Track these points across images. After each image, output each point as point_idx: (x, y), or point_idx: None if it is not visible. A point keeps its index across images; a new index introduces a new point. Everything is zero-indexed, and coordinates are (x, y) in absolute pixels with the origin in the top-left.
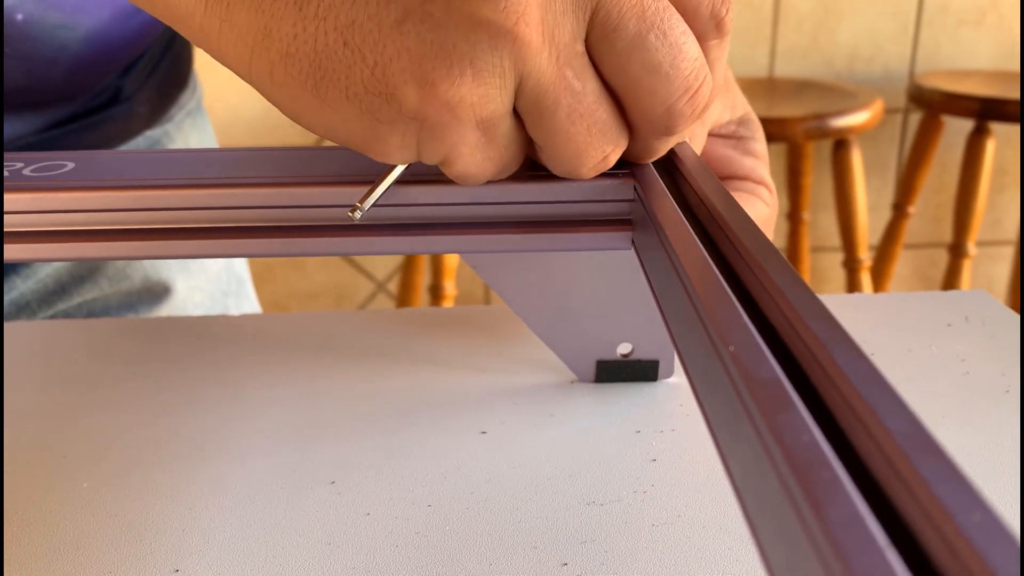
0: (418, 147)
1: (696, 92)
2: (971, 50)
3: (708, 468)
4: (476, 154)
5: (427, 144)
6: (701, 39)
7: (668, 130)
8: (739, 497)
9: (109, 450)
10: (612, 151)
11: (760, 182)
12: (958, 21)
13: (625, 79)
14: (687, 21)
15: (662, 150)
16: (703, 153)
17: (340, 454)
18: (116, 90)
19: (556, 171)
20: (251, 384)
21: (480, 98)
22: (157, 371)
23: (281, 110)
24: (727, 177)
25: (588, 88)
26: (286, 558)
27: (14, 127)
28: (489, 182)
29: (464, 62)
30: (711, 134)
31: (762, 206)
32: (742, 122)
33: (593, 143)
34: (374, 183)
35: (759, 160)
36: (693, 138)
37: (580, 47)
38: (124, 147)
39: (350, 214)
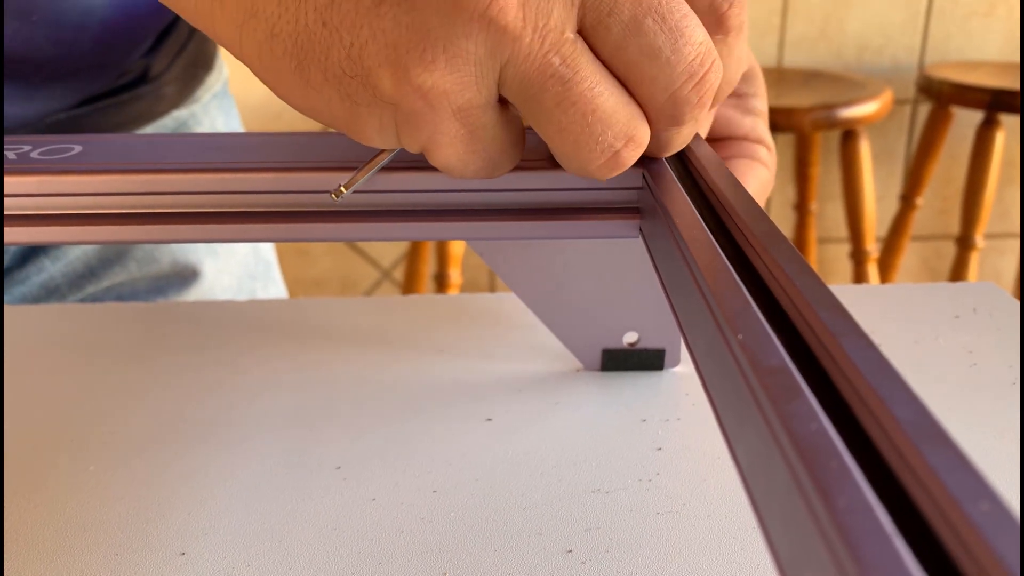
0: (396, 133)
1: (702, 78)
2: (981, 41)
3: (714, 457)
4: (456, 145)
5: (404, 131)
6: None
7: (674, 119)
8: (746, 486)
9: (115, 434)
10: (624, 146)
11: (759, 141)
12: (968, 12)
13: (624, 66)
14: None
15: (675, 143)
16: None
17: (346, 440)
18: (144, 69)
19: (567, 168)
20: (257, 370)
21: (454, 86)
22: (163, 356)
23: (272, 91)
24: (726, 137)
25: (580, 76)
26: (292, 542)
27: (45, 103)
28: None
29: (437, 48)
30: None
31: (762, 170)
32: (746, 78)
33: (593, 135)
34: (360, 168)
35: (759, 118)
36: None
37: (570, 34)
38: (152, 127)
39: (332, 197)
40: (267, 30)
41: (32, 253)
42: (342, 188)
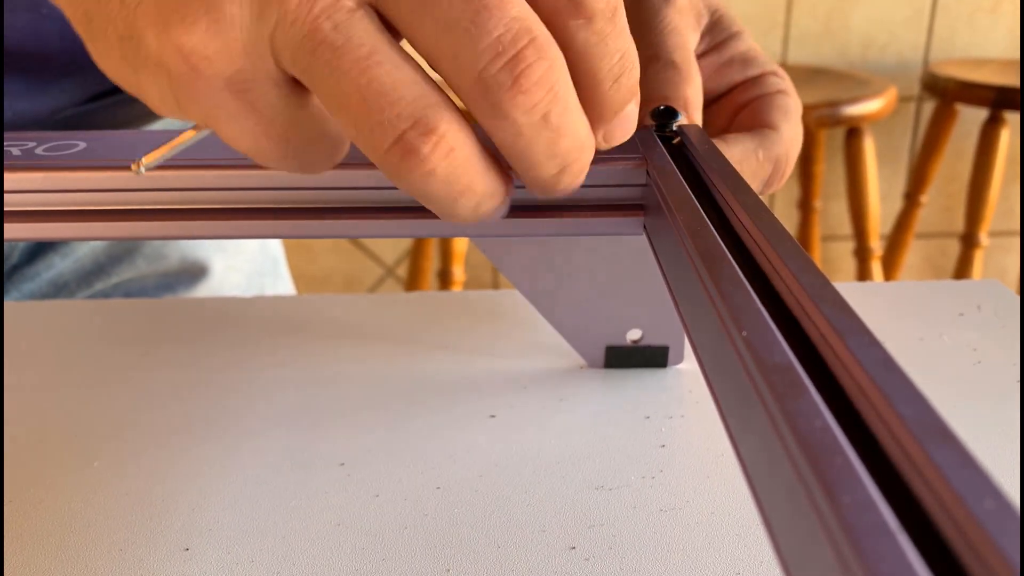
0: (176, 103)
1: (515, 57)
2: (986, 38)
3: (717, 454)
4: (240, 123)
5: (181, 99)
6: (553, 16)
7: (496, 109)
8: (750, 483)
9: (120, 430)
10: (411, 128)
11: (762, 75)
12: (973, 9)
13: (423, 43)
14: None
15: (518, 140)
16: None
17: (349, 436)
18: None
19: (374, 161)
20: (260, 366)
21: (218, 52)
22: (168, 353)
23: None
24: (725, 95)
25: (353, 43)
26: (295, 539)
27: (56, 98)
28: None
29: (200, 9)
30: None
31: (780, 98)
32: (711, 28)
33: (371, 113)
34: (165, 142)
35: (748, 58)
36: (626, 122)
37: (348, 3)
38: (159, 124)
39: (132, 168)
40: (75, 3)
41: (41, 249)
42: (142, 160)
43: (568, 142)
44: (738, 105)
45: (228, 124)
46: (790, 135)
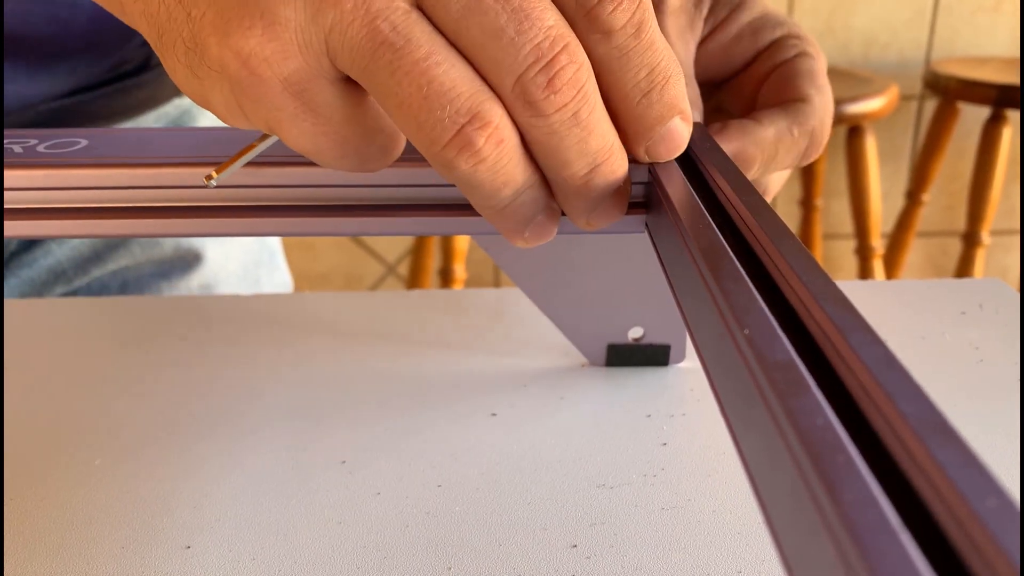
0: (240, 109)
1: (551, 61)
2: (988, 37)
3: (719, 453)
4: (301, 124)
5: (243, 104)
6: (576, 31)
7: (533, 108)
8: (752, 480)
9: (121, 428)
10: (469, 123)
11: (777, 40)
12: (975, 7)
13: (469, 47)
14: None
15: (551, 138)
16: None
17: (351, 434)
18: (146, 57)
19: (425, 156)
20: (262, 364)
21: (274, 53)
22: (169, 350)
23: None
24: (744, 69)
25: (413, 44)
26: (297, 536)
27: (48, 84)
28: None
29: (255, 14)
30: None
31: (802, 61)
32: (713, 6)
33: (432, 110)
34: (238, 152)
35: (757, 26)
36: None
37: (402, 3)
38: (153, 114)
39: (205, 180)
40: (142, 10)
41: None
42: (213, 173)
43: (597, 141)
44: (759, 77)
45: (289, 125)
46: (821, 103)
